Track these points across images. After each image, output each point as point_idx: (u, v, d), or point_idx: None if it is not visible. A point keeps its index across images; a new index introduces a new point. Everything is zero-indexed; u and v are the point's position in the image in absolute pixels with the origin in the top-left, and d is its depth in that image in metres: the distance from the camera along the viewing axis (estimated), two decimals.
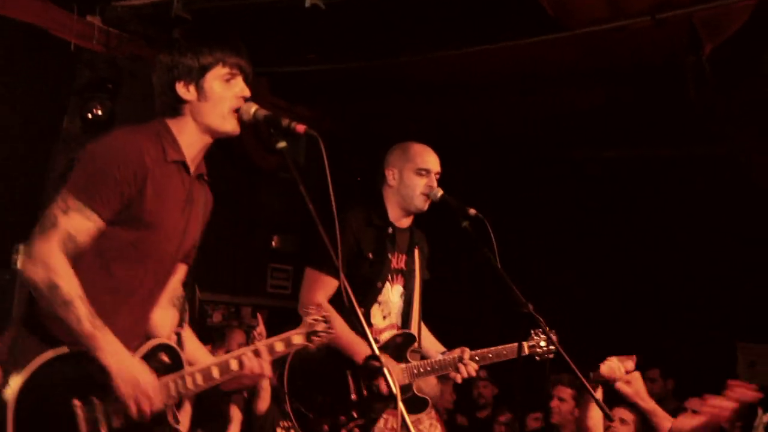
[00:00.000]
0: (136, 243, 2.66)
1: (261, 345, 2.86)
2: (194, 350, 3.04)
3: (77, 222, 2.55)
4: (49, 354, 2.56)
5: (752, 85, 5.10)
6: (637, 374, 3.71)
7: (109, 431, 2.60)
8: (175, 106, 2.74)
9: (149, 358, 2.71)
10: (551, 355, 3.89)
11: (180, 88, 2.71)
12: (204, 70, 2.71)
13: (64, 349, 2.57)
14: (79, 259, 2.60)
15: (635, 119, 6.76)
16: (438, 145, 4.07)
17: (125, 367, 2.56)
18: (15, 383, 2.50)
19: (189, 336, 3.08)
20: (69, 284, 2.52)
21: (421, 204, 3.96)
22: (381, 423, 5.21)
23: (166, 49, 2.78)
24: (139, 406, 2.58)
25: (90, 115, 5.43)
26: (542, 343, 3.94)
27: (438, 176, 4.01)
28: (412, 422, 5.02)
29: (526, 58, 5.69)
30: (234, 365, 2.80)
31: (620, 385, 3.67)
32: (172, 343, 2.82)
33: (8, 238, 5.19)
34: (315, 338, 2.95)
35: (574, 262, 7.95)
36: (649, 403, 3.72)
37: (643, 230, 7.85)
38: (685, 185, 7.51)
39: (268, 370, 2.86)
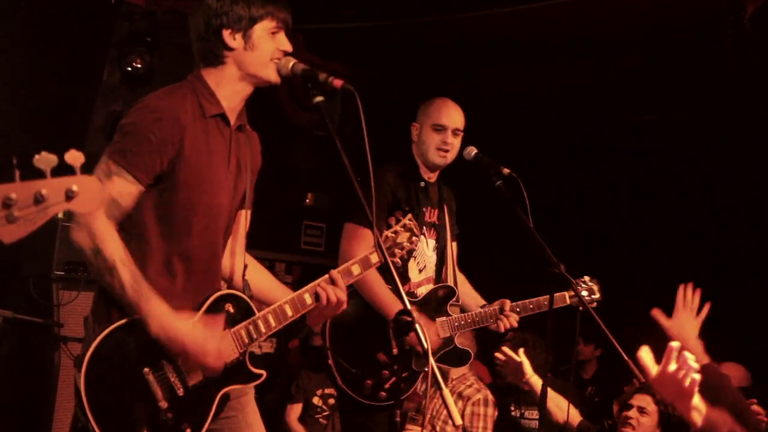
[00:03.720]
0: (186, 203, 2.68)
1: (335, 272, 2.87)
2: (269, 288, 3.00)
3: (120, 186, 2.58)
4: (111, 326, 2.58)
5: None
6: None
7: (187, 392, 2.64)
8: (218, 54, 2.73)
9: (214, 310, 2.72)
10: (594, 304, 3.94)
11: (227, 36, 2.71)
12: (254, 21, 2.72)
13: (127, 320, 2.59)
14: (136, 225, 2.65)
15: (674, 82, 6.67)
16: (474, 107, 4.06)
17: (171, 330, 2.55)
18: (84, 358, 2.54)
19: (261, 275, 3.04)
20: (111, 249, 2.52)
21: (437, 159, 3.97)
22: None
23: None
24: (197, 363, 2.60)
25: (129, 69, 5.47)
26: (584, 293, 4.01)
27: (459, 133, 4.01)
28: (458, 378, 5.10)
29: (564, 19, 5.63)
30: (309, 299, 2.82)
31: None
32: (236, 292, 2.82)
33: None
34: (397, 251, 2.97)
35: (611, 225, 7.91)
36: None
37: (680, 197, 7.78)
38: (722, 150, 7.41)
39: (344, 296, 2.87)
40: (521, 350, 4.53)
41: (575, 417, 4.36)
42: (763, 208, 7.21)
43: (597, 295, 4.08)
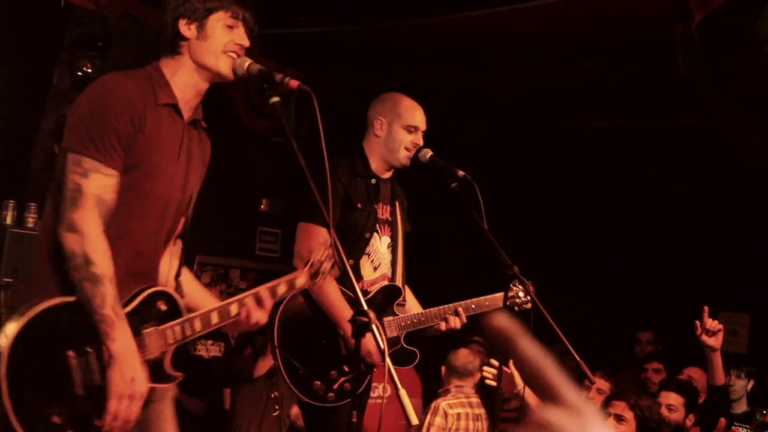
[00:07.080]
0: (131, 186, 2.65)
1: (263, 289, 2.86)
2: (198, 295, 3.00)
3: (100, 181, 2.56)
4: (48, 303, 2.53)
5: (740, 55, 5.12)
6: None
7: (104, 382, 2.58)
8: (175, 43, 2.79)
9: (145, 306, 2.69)
10: (529, 305, 3.89)
11: (182, 26, 2.77)
12: (209, 12, 2.78)
13: (64, 299, 2.56)
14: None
15: (625, 89, 6.79)
16: (430, 110, 4.06)
17: (128, 364, 2.54)
18: (10, 330, 2.46)
19: (191, 281, 3.05)
20: (103, 262, 2.52)
21: (405, 160, 3.94)
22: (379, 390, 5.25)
23: None
24: (122, 406, 2.55)
25: (80, 73, 5.42)
26: (521, 294, 3.98)
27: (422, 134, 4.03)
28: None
29: (517, 25, 5.70)
30: (234, 310, 2.81)
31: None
32: (170, 290, 2.79)
33: None
34: (319, 278, 2.98)
35: (565, 230, 8.01)
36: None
37: (631, 201, 7.90)
38: (672, 156, 7.56)
39: (265, 318, 2.87)
40: (511, 362, 4.47)
41: None
42: (715, 211, 7.37)
43: (530, 297, 4.06)
